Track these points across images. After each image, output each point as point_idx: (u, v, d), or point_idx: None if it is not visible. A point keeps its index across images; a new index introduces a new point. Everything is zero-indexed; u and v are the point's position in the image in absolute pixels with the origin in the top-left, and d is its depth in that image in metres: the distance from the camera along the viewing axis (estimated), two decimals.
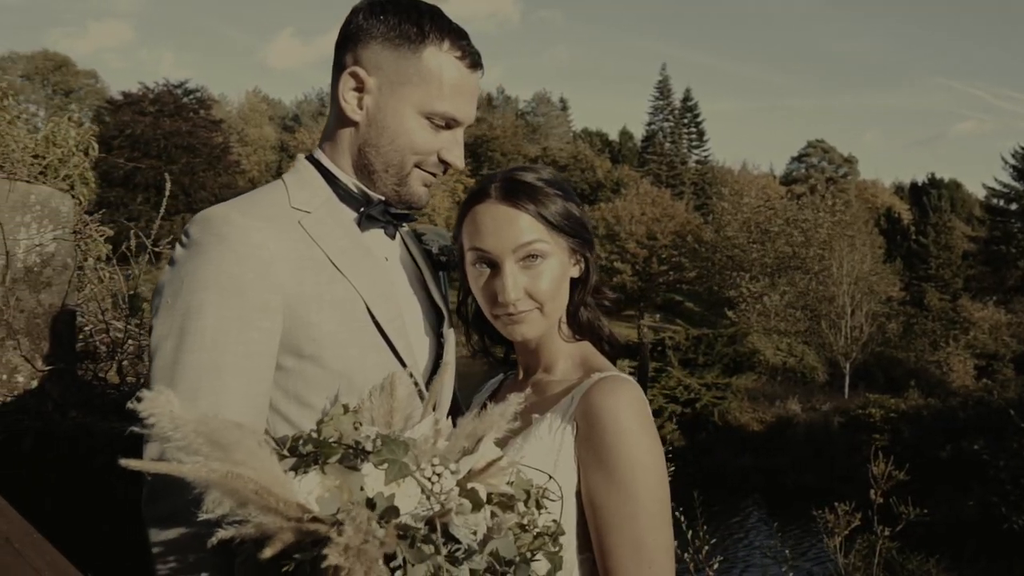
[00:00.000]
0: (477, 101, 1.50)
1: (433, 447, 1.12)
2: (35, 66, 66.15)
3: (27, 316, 2.56)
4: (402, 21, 1.38)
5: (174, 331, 1.22)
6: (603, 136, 68.51)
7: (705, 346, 20.63)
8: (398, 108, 1.39)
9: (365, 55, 1.39)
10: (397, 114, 1.39)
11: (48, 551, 0.95)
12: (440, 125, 1.42)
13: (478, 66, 1.45)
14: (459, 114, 1.43)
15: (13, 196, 2.55)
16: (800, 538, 12.52)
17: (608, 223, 41.26)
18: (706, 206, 50.16)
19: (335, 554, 0.87)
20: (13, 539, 0.93)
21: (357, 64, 1.40)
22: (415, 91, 1.39)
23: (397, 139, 1.40)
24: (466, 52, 1.42)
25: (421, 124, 1.41)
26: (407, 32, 1.38)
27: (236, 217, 1.28)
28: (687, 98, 63.49)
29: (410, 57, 1.38)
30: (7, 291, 2.52)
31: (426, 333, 1.52)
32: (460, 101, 1.42)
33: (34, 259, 2.58)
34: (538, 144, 59.94)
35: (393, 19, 1.39)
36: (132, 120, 39.83)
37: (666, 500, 1.26)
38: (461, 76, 1.42)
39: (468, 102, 1.45)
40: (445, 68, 1.40)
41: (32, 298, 2.57)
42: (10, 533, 0.94)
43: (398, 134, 1.40)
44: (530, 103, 71.08)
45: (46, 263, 2.62)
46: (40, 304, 2.59)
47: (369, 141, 1.42)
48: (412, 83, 1.38)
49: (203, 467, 0.92)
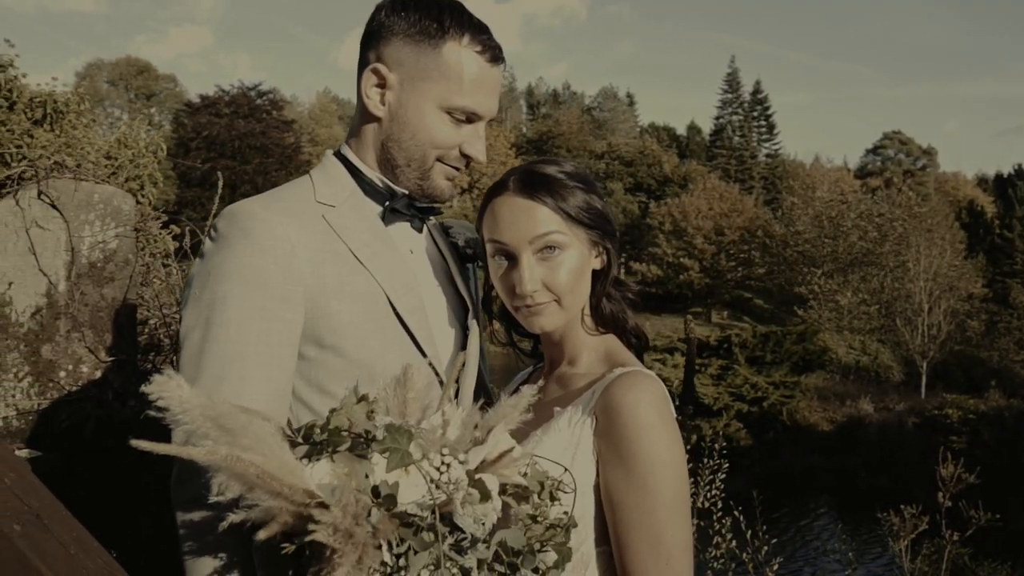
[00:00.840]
0: (499, 94, 1.51)
1: (442, 437, 1.14)
2: (119, 72, 69.01)
3: (91, 310, 2.68)
4: (422, 17, 1.41)
5: (200, 322, 1.27)
6: (670, 131, 67.56)
7: (773, 343, 20.19)
8: (419, 103, 1.42)
9: (387, 51, 1.42)
10: (418, 109, 1.42)
11: (75, 527, 1.01)
12: (461, 119, 1.44)
13: (499, 60, 1.46)
14: (479, 108, 1.45)
15: (78, 195, 2.68)
16: (871, 542, 12.16)
17: (675, 219, 40.75)
18: (776, 201, 49.10)
19: (322, 533, 0.90)
20: (43, 515, 0.99)
21: (379, 61, 1.43)
22: (435, 86, 1.41)
23: (418, 134, 1.43)
24: (486, 46, 1.44)
25: (442, 119, 1.43)
26: (427, 28, 1.40)
27: (259, 211, 1.32)
28: (757, 90, 62.17)
29: (430, 53, 1.40)
30: (72, 286, 2.65)
31: (451, 325, 1.54)
32: (480, 95, 1.44)
33: (97, 255, 2.71)
34: (604, 140, 59.50)
35: (414, 15, 1.41)
36: (208, 122, 41.18)
37: (685, 496, 1.25)
38: (481, 70, 1.43)
39: (488, 96, 1.46)
40: (465, 63, 1.41)
41: (96, 292, 2.70)
42: (40, 510, 1.00)
43: (419, 129, 1.42)
44: (596, 98, 70.71)
45: (109, 259, 2.74)
46: (103, 298, 2.72)
47: (391, 136, 1.44)
48: (432, 78, 1.40)
49: (208, 450, 0.96)
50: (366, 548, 0.95)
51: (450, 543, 1.06)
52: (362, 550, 0.95)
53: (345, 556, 0.94)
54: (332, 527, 0.92)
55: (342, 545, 0.93)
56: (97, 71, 69.44)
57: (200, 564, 1.21)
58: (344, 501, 0.94)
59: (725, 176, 52.62)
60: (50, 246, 2.66)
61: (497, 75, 1.48)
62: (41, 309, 2.65)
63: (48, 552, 0.95)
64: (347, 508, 0.94)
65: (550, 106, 71.21)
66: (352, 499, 0.95)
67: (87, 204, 2.69)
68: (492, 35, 1.47)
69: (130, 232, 2.82)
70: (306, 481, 1.03)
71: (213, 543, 1.20)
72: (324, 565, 0.97)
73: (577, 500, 1.26)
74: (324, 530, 0.92)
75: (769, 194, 53.73)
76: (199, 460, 0.99)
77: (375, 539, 0.97)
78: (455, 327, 1.55)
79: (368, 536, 0.95)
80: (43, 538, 0.96)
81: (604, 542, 1.28)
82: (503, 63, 1.49)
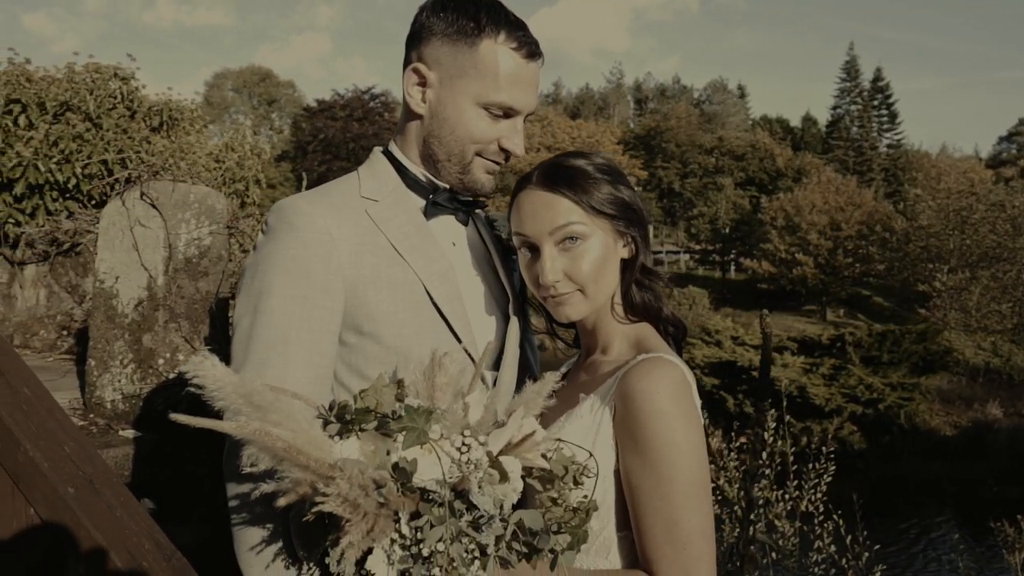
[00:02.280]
0: (538, 89, 1.54)
1: (464, 419, 1.19)
2: (243, 80, 72.67)
3: (187, 302, 2.88)
4: (459, 16, 1.45)
5: (249, 309, 1.37)
6: (784, 123, 65.30)
7: (891, 343, 19.17)
8: (457, 100, 1.46)
9: (427, 51, 1.48)
10: (456, 106, 1.47)
11: (122, 492, 1.12)
12: (498, 115, 1.48)
13: (535, 56, 1.49)
14: (516, 103, 1.48)
15: (175, 196, 2.88)
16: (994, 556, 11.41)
17: (788, 214, 39.36)
18: (898, 193, 46.68)
19: (330, 503, 0.96)
20: (95, 481, 1.10)
21: (420, 60, 1.48)
22: (472, 83, 1.45)
23: (457, 130, 1.48)
24: (522, 43, 1.47)
25: (479, 114, 1.47)
26: (464, 27, 1.45)
27: (304, 206, 1.40)
28: (877, 78, 59.25)
29: (467, 51, 1.45)
30: (169, 280, 2.85)
31: (493, 315, 1.58)
32: (517, 91, 1.47)
33: (193, 251, 2.90)
34: (713, 133, 58.14)
35: (452, 15, 1.46)
36: (325, 125, 42.83)
37: (703, 482, 1.24)
38: (517, 66, 1.47)
39: (525, 91, 1.49)
40: (501, 60, 1.45)
41: (191, 286, 2.89)
42: (94, 476, 1.11)
43: (458, 125, 1.47)
44: (704, 91, 69.15)
45: (203, 255, 2.93)
46: (198, 291, 2.91)
47: (432, 132, 1.50)
48: (469, 76, 1.45)
49: (238, 424, 1.04)
50: (376, 519, 1.00)
51: (468, 520, 1.10)
52: (372, 521, 1.00)
53: (354, 525, 1.00)
54: (341, 497, 0.98)
55: (351, 514, 0.99)
56: (223, 80, 73.43)
57: (247, 533, 1.30)
58: (349, 473, 1.00)
59: (842, 168, 50.42)
60: (151, 243, 2.87)
61: (534, 70, 1.51)
62: (143, 301, 2.87)
63: (96, 512, 1.06)
64: (352, 480, 1.00)
65: (658, 101, 70.16)
66: (357, 471, 1.01)
67: (183, 204, 2.88)
68: (529, 31, 1.50)
69: (223, 229, 3.00)
70: (331, 455, 1.10)
71: (260, 514, 1.29)
72: (339, 533, 1.04)
73: (598, 485, 1.28)
74: (332, 500, 0.98)
75: (890, 186, 51.15)
76: (230, 433, 1.07)
77: (386, 511, 1.03)
78: (497, 317, 1.59)
79: (375, 507, 1.01)
80: (93, 500, 1.07)
81: (625, 527, 1.29)
82: (540, 58, 1.52)
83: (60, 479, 1.07)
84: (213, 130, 6.09)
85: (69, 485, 1.07)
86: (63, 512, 1.05)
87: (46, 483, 1.07)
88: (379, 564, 1.08)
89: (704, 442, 1.28)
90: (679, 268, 49.10)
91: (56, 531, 1.05)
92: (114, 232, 2.95)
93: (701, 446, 1.25)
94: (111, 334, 2.90)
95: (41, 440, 1.10)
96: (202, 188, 3.00)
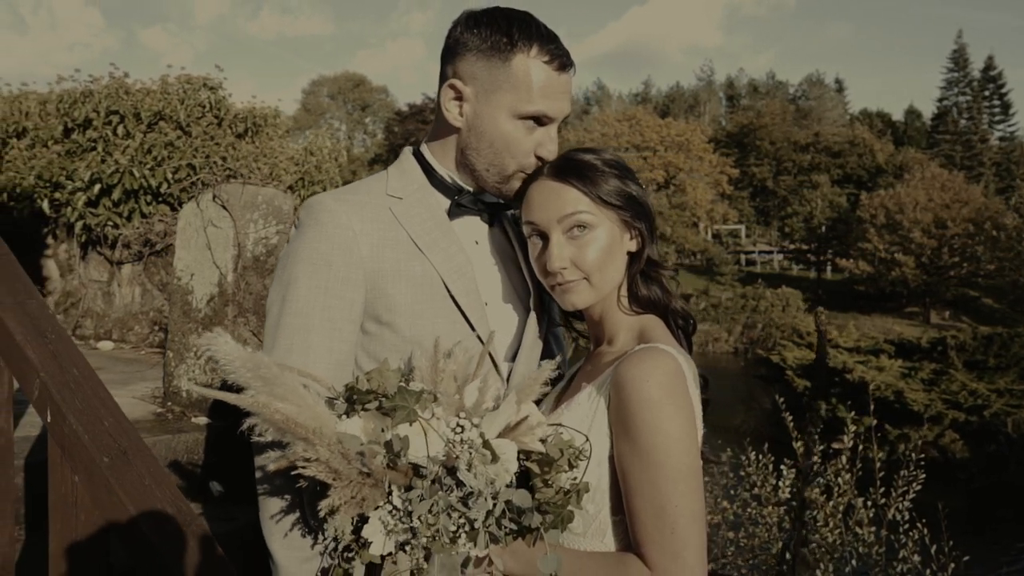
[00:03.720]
0: (570, 96, 1.59)
1: (459, 402, 1.26)
2: (338, 86, 74.94)
3: (255, 298, 3.05)
4: (493, 32, 1.52)
5: (278, 298, 1.48)
6: (885, 116, 62.76)
7: (998, 347, 18.14)
8: (493, 114, 1.53)
9: (462, 66, 1.55)
10: (492, 119, 1.53)
11: (153, 464, 1.24)
12: (533, 125, 1.53)
13: (566, 67, 1.54)
14: (550, 111, 1.53)
15: (244, 197, 3.05)
16: None
17: (888, 211, 37.84)
18: (1010, 189, 44.16)
19: (312, 467, 1.05)
20: (129, 453, 1.22)
21: (455, 76, 1.55)
22: (506, 96, 1.51)
23: (495, 143, 1.54)
24: (554, 56, 1.52)
25: (515, 126, 1.53)
26: (497, 43, 1.51)
27: (330, 203, 1.50)
28: (989, 67, 56.23)
29: (500, 66, 1.51)
30: (238, 277, 3.02)
31: (512, 309, 1.65)
32: (550, 100, 1.53)
33: (260, 249, 3.07)
34: (809, 129, 56.36)
35: (485, 31, 1.52)
36: (416, 128, 43.81)
37: (693, 468, 1.26)
38: (549, 78, 1.52)
39: (558, 100, 1.54)
40: (533, 72, 1.51)
41: (259, 282, 3.06)
42: (128, 448, 1.24)
43: (495, 138, 1.54)
44: (800, 86, 67.10)
45: (270, 253, 3.10)
46: (265, 287, 3.08)
47: (470, 145, 1.57)
48: (503, 89, 1.51)
49: (241, 396, 1.14)
50: (360, 487, 1.09)
51: (458, 496, 1.17)
52: (357, 489, 1.09)
53: (336, 490, 1.09)
54: (322, 463, 1.07)
55: (333, 480, 1.08)
56: (319, 86, 75.93)
57: (268, 503, 1.41)
58: (328, 441, 1.09)
59: (948, 163, 48.06)
60: (221, 242, 3.05)
61: (566, 80, 1.56)
62: (214, 297, 3.05)
63: (128, 481, 1.18)
64: (332, 447, 1.08)
65: (750, 97, 68.51)
66: (335, 440, 1.10)
67: (252, 204, 3.05)
68: (560, 44, 1.55)
69: (288, 228, 3.16)
70: (332, 430, 1.19)
71: (279, 486, 1.39)
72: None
73: (593, 470, 1.32)
74: (313, 465, 1.08)
75: (1002, 181, 48.46)
76: (235, 404, 1.17)
77: (371, 480, 1.11)
78: (517, 311, 1.65)
79: (357, 475, 1.09)
80: (126, 470, 1.19)
81: (620, 511, 1.32)
82: (572, 68, 1.57)
83: (97, 449, 1.20)
84: (309, 135, 6.52)
85: (105, 455, 1.20)
86: (98, 479, 1.18)
87: (85, 453, 1.20)
88: (376, 533, 1.16)
89: (696, 430, 1.30)
90: (772, 268, 47.85)
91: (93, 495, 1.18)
92: (190, 232, 3.16)
93: (691, 434, 1.27)
94: (186, 328, 3.10)
95: (84, 415, 1.23)
96: (269, 190, 3.17)
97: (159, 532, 1.15)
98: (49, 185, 5.36)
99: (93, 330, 5.60)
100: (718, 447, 5.18)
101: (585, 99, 76.32)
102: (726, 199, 50.68)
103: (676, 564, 1.22)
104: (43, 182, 5.35)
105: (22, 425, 2.35)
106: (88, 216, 5.28)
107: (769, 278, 41.92)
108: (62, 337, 1.38)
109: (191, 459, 2.75)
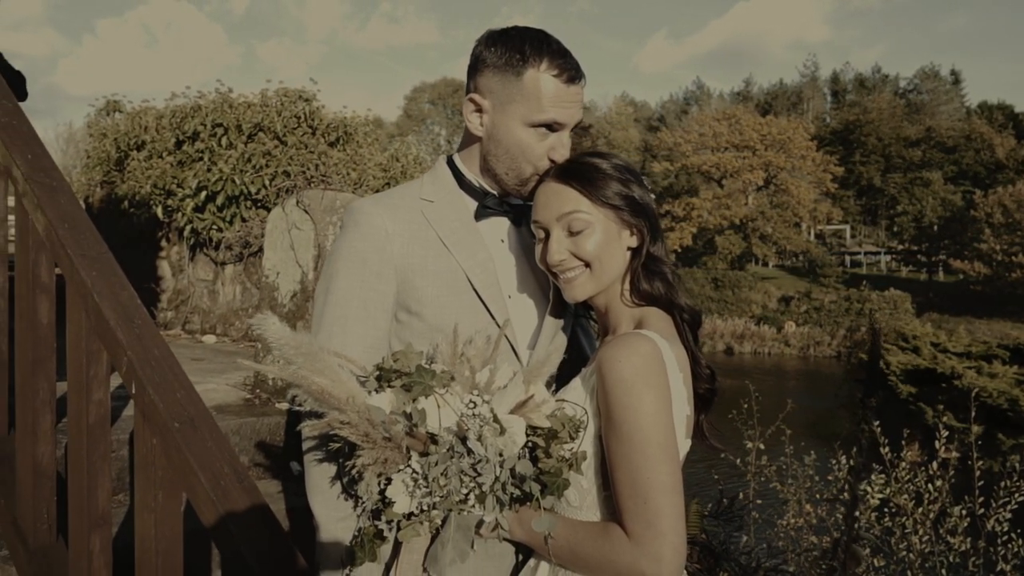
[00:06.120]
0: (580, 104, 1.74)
1: (472, 381, 1.43)
2: (438, 92, 76.50)
3: None
4: (507, 50, 1.69)
5: (323, 291, 1.69)
6: (1006, 109, 59.13)
7: None
8: (508, 124, 1.71)
9: (481, 81, 1.73)
10: (508, 128, 1.71)
11: (214, 429, 1.46)
12: (545, 131, 1.70)
13: (575, 80, 1.71)
14: (559, 118, 1.70)
15: (324, 202, 3.31)
16: None
17: (1008, 209, 35.74)
18: None
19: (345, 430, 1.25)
20: (195, 420, 1.45)
21: (475, 91, 1.74)
22: (520, 107, 1.69)
23: (511, 149, 1.72)
24: (563, 69, 1.68)
25: (528, 133, 1.70)
26: (511, 59, 1.69)
27: (367, 206, 1.71)
28: None
29: (514, 80, 1.68)
30: (318, 275, 3.29)
31: (534, 301, 1.81)
32: (559, 108, 1.69)
33: None
34: (921, 124, 53.77)
35: (501, 48, 1.70)
36: None
37: (664, 444, 1.36)
38: (558, 89, 1.69)
39: (567, 107, 1.70)
40: (543, 85, 1.67)
41: None
42: (195, 416, 1.47)
43: (511, 145, 1.72)
44: (912, 79, 64.10)
45: None
46: None
47: (490, 152, 1.75)
48: (516, 101, 1.69)
49: (280, 368, 1.34)
50: (384, 450, 1.27)
51: (469, 462, 1.34)
52: (381, 452, 1.27)
53: (364, 451, 1.28)
54: (352, 426, 1.27)
55: (363, 442, 1.27)
56: (421, 93, 77.75)
57: (316, 470, 1.61)
58: (358, 407, 1.28)
59: None
60: (304, 243, 3.32)
61: (575, 91, 1.72)
62: (297, 293, 3.33)
63: (194, 444, 1.41)
64: (361, 413, 1.27)
65: (857, 92, 65.92)
66: (363, 404, 1.29)
67: (331, 208, 3.31)
68: (570, 59, 1.71)
69: None
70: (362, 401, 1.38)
71: (322, 455, 1.59)
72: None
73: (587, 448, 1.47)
74: (346, 428, 1.27)
75: None
76: (276, 376, 1.38)
77: (392, 444, 1.30)
78: (538, 303, 1.81)
79: (381, 440, 1.28)
80: (192, 435, 1.42)
81: (609, 487, 1.45)
82: (581, 80, 1.73)
83: (170, 416, 1.44)
84: (411, 140, 6.88)
85: (176, 421, 1.43)
86: (171, 441, 1.41)
87: (161, 419, 1.43)
88: (399, 494, 1.35)
89: (670, 410, 1.39)
90: (879, 269, 45.91)
91: (167, 455, 1.41)
92: (276, 234, 3.45)
93: (664, 411, 1.37)
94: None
95: (160, 388, 1.47)
96: (347, 194, 3.43)
97: (216, 486, 1.37)
98: (163, 193, 5.86)
99: (200, 325, 6.08)
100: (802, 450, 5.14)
101: (684, 99, 75.29)
102: (830, 198, 48.99)
103: (649, 531, 1.32)
104: (158, 190, 5.85)
105: (131, 405, 2.67)
106: (195, 220, 5.74)
107: (875, 280, 40.25)
108: (146, 323, 1.63)
109: (274, 440, 3.02)
